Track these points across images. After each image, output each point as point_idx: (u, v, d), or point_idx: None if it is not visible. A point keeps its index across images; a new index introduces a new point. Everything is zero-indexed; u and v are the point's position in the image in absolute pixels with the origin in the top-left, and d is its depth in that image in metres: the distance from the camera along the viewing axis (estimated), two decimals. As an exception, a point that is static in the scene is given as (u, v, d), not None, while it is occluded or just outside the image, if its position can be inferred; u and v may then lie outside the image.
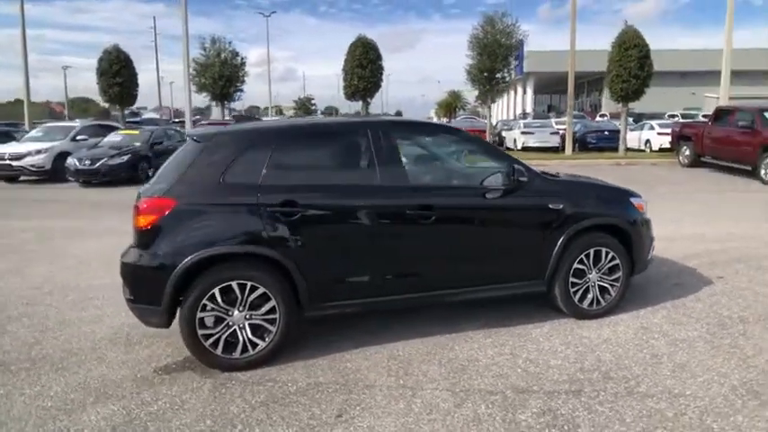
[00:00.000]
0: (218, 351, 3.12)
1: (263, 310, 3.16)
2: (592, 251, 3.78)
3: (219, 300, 3.08)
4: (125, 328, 3.89)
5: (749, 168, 10.89)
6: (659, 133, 17.80)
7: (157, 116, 35.85)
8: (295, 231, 3.16)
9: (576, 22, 18.19)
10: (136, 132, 14.02)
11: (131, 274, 3.11)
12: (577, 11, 17.88)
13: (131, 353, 3.48)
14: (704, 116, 25.38)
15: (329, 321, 3.67)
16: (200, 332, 3.08)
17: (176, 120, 27.16)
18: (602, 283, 3.86)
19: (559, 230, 3.67)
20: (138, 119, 27.17)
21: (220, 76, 19.49)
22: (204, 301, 3.05)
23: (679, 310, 4.00)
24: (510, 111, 54.35)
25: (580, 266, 3.78)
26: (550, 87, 56.56)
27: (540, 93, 56.74)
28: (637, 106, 22.26)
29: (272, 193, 3.15)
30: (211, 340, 3.11)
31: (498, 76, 20.03)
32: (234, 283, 3.08)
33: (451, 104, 64.14)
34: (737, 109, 11.88)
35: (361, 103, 18.61)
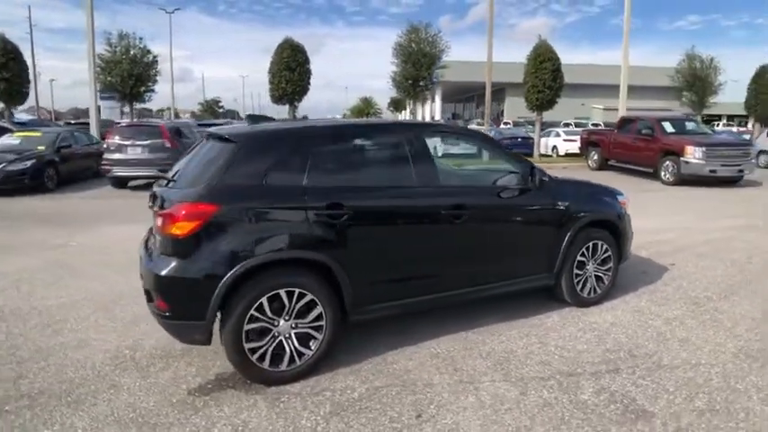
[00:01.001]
0: (266, 364, 2.93)
1: (310, 317, 3.03)
2: (591, 244, 4.16)
3: (267, 309, 2.90)
4: (125, 351, 3.47)
5: (650, 170, 12.56)
6: (565, 140, 19.74)
7: (33, 117, 31.37)
8: (341, 234, 3.08)
9: (492, 36, 19.57)
10: (38, 134, 12.28)
11: (170, 288, 2.79)
12: (474, 24, 19.45)
13: (149, 377, 3.11)
14: (593, 124, 28.69)
15: (351, 326, 3.60)
16: (246, 346, 2.87)
17: (71, 122, 24.11)
18: (597, 273, 4.26)
19: (566, 227, 3.99)
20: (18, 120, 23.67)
21: (130, 74, 17.75)
22: (252, 312, 2.85)
23: (656, 294, 4.54)
24: (418, 118, 56.55)
25: (581, 259, 4.14)
26: (455, 96, 60.00)
27: (446, 101, 59.94)
28: (534, 115, 24.45)
29: (318, 196, 3.04)
30: (258, 353, 2.91)
31: (422, 83, 20.78)
32: (282, 291, 2.92)
33: (364, 110, 65.24)
34: (639, 118, 13.65)
35: (288, 107, 18.19)
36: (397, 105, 62.34)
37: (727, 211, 8.72)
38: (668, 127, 12.58)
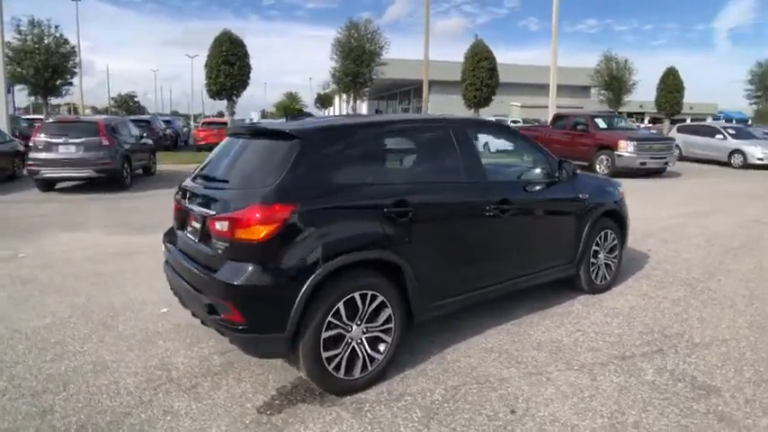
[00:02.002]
0: (341, 373, 2.77)
1: (380, 320, 2.91)
2: (602, 233, 4.41)
3: (343, 315, 2.74)
4: (156, 372, 3.10)
5: (586, 164, 13.56)
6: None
7: None
8: (407, 233, 2.98)
9: (429, 34, 20.00)
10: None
11: (247, 298, 2.52)
12: (391, 23, 20.06)
13: (203, 398, 2.80)
14: (513, 121, 30.49)
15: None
16: (324, 355, 2.69)
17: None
18: (606, 261, 4.53)
19: (586, 218, 4.19)
20: None
21: (45, 65, 15.65)
22: (329, 319, 2.68)
23: (652, 279, 4.92)
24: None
25: (596, 248, 4.37)
26: (377, 93, 60.68)
27: (369, 98, 60.40)
28: (456, 113, 25.39)
29: (385, 193, 2.92)
30: (335, 362, 2.74)
31: (361, 80, 20.74)
32: (357, 295, 2.77)
33: (289, 106, 63.80)
34: (573, 115, 14.70)
35: (227, 101, 17.27)
36: (324, 102, 61.70)
37: (666, 200, 9.69)
38: (601, 123, 13.69)
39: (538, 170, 3.94)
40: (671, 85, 21.72)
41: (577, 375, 3.04)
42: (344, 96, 51.64)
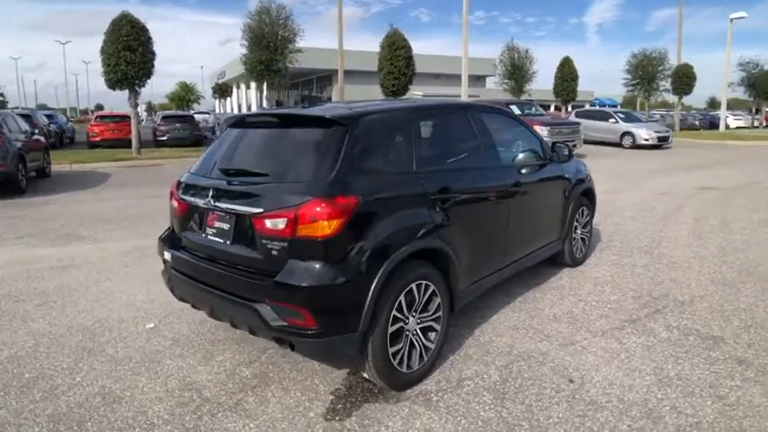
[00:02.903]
0: (404, 367, 2.69)
1: (431, 310, 2.87)
2: (581, 210, 4.77)
3: (404, 307, 2.65)
4: (185, 394, 2.76)
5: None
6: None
7: None
8: (449, 219, 2.95)
9: (342, 22, 19.83)
10: None
11: (323, 299, 2.31)
12: (286, 12, 20.07)
13: (257, 415, 2.54)
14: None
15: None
16: (390, 350, 2.59)
17: None
18: (582, 236, 4.91)
19: (570, 196, 4.50)
20: None
21: None
22: (393, 312, 2.58)
23: (614, 249, 5.43)
24: (236, 106, 54.05)
25: (575, 224, 4.72)
26: (279, 83, 58.92)
27: (270, 88, 58.37)
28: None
29: (429, 181, 2.86)
30: (399, 357, 2.65)
31: (275, 68, 19.97)
32: (414, 286, 2.69)
33: (184, 97, 59.38)
34: (489, 103, 15.57)
35: (128, 92, 15.48)
36: (223, 92, 58.39)
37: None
38: (515, 110, 14.71)
39: (537, 152, 4.13)
40: (566, 73, 23.90)
41: (606, 341, 3.27)
42: (243, 86, 49.03)
